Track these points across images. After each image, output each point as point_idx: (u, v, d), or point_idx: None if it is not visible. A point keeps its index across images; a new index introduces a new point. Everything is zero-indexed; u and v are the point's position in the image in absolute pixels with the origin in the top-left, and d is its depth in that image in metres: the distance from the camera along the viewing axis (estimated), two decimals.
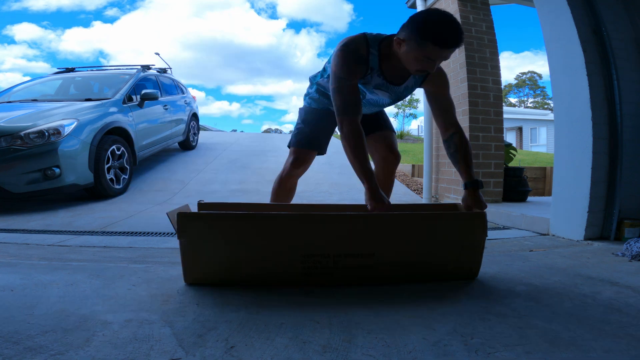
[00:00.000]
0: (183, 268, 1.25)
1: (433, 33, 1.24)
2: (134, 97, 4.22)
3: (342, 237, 1.22)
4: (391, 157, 1.78)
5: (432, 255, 1.27)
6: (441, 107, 1.52)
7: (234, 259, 1.22)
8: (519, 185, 3.46)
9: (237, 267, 1.23)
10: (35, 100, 3.97)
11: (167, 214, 1.25)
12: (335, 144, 3.45)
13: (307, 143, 1.72)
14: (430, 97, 1.53)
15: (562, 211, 2.22)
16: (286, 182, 1.78)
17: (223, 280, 1.24)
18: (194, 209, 1.41)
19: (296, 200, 1.93)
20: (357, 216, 1.23)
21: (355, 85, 1.38)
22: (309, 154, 1.74)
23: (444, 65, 3.74)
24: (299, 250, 1.21)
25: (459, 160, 1.49)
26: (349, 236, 1.22)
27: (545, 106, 31.22)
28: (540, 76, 35.75)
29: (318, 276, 1.23)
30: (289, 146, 1.80)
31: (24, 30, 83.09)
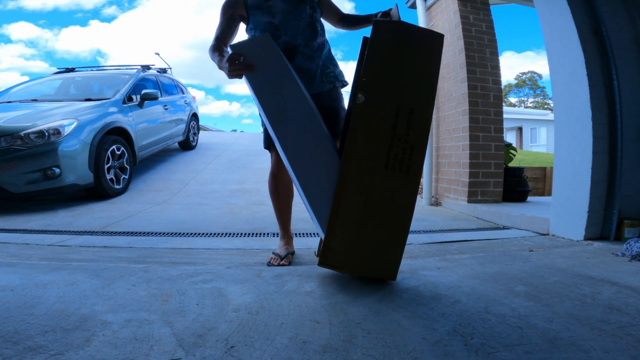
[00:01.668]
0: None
1: None
2: (134, 97, 4.22)
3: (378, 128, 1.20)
4: None
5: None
6: (334, 8, 1.69)
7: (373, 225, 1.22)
8: (519, 185, 3.46)
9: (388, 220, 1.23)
10: (35, 100, 3.97)
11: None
12: None
13: (267, 141, 1.70)
14: (328, 5, 1.69)
15: (562, 211, 2.22)
16: (279, 177, 1.72)
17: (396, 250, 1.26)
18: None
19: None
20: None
21: (228, 17, 1.61)
22: (270, 150, 1.70)
23: (444, 65, 3.73)
24: (380, 166, 1.19)
25: (357, 19, 1.66)
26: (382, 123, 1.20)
27: (545, 106, 31.18)
28: (540, 76, 35.72)
29: (410, 154, 1.19)
30: None
31: (20, 29, 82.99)
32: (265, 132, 1.69)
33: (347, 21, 1.68)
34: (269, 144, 1.69)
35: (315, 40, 1.61)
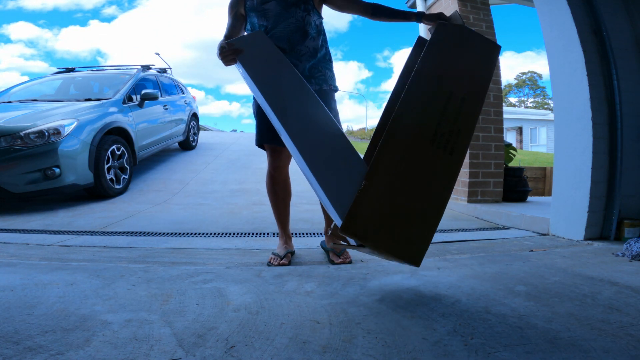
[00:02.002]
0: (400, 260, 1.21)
1: None
2: (134, 97, 4.22)
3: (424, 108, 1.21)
4: None
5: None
6: (355, 2, 1.61)
7: (407, 207, 1.17)
8: (519, 185, 3.46)
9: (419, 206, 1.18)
10: (35, 100, 3.97)
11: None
12: None
13: (260, 138, 1.70)
14: (339, 3, 1.62)
15: (562, 211, 2.22)
16: (275, 176, 1.73)
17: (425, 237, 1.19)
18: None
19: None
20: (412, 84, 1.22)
21: (233, 16, 1.66)
22: (270, 147, 1.70)
23: None
24: (426, 141, 1.18)
25: (393, 12, 1.57)
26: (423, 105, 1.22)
27: (545, 106, 31.19)
28: (540, 76, 35.73)
29: (456, 136, 1.20)
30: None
31: (20, 29, 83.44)
32: (259, 127, 1.70)
33: (380, 12, 1.58)
34: (261, 141, 1.70)
35: (302, 44, 1.59)
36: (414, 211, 1.17)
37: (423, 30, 3.54)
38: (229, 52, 1.44)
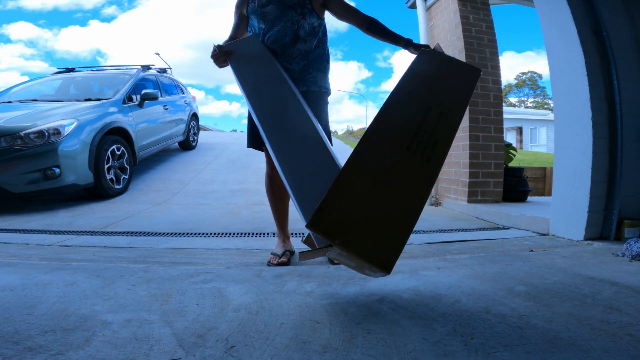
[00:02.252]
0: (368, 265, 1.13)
1: None
2: (134, 97, 4.22)
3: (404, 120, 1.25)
4: None
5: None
6: (347, 10, 1.65)
7: (379, 209, 1.13)
8: (519, 185, 3.46)
9: (389, 209, 1.15)
10: (35, 100, 3.97)
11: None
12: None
13: (254, 140, 1.72)
14: (335, 9, 1.65)
15: (562, 211, 2.22)
16: (273, 177, 1.74)
17: (399, 236, 1.13)
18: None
19: None
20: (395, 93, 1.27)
21: (237, 16, 1.72)
22: (263, 150, 1.71)
23: None
24: (402, 146, 1.19)
25: (386, 32, 1.61)
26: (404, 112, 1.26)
27: (545, 106, 31.22)
28: (540, 76, 35.77)
29: (432, 146, 1.22)
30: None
31: (20, 29, 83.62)
32: (251, 130, 1.71)
33: (374, 28, 1.62)
34: (252, 143, 1.72)
35: (294, 47, 1.60)
36: (386, 214, 1.13)
37: None
38: (220, 54, 1.49)
